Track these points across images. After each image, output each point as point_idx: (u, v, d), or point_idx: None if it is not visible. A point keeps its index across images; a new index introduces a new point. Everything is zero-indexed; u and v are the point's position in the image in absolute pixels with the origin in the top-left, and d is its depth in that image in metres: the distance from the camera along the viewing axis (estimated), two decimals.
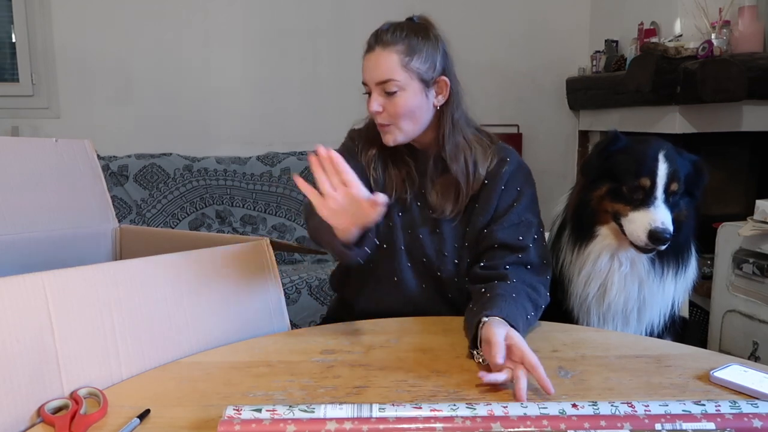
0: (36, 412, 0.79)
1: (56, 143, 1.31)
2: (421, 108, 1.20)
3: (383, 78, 1.17)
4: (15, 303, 0.80)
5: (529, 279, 1.16)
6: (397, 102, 1.18)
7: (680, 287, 1.25)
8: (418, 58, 1.19)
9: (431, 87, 1.21)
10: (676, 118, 2.61)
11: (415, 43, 1.19)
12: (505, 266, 1.17)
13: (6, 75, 3.30)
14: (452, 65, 1.27)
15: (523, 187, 1.25)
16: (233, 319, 1.06)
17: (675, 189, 1.19)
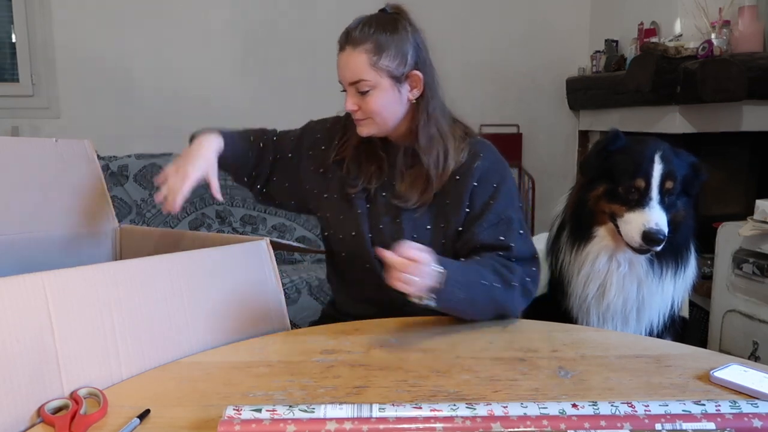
0: (36, 412, 0.79)
1: (56, 143, 1.31)
2: (394, 104, 1.21)
3: (354, 78, 1.18)
4: (15, 303, 0.80)
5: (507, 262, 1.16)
6: (370, 100, 1.18)
7: (680, 287, 1.25)
8: (386, 55, 1.18)
9: (403, 82, 1.21)
10: (676, 118, 2.61)
11: (384, 39, 1.18)
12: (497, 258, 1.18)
13: (6, 75, 3.30)
14: (427, 56, 1.25)
15: (500, 183, 1.23)
16: (233, 319, 1.06)
17: (670, 189, 1.19)
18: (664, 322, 1.27)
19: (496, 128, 3.57)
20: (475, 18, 3.49)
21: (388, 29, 1.19)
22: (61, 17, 3.22)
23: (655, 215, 1.16)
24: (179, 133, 3.55)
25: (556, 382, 0.89)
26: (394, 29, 1.20)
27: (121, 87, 3.31)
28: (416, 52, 1.22)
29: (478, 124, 3.56)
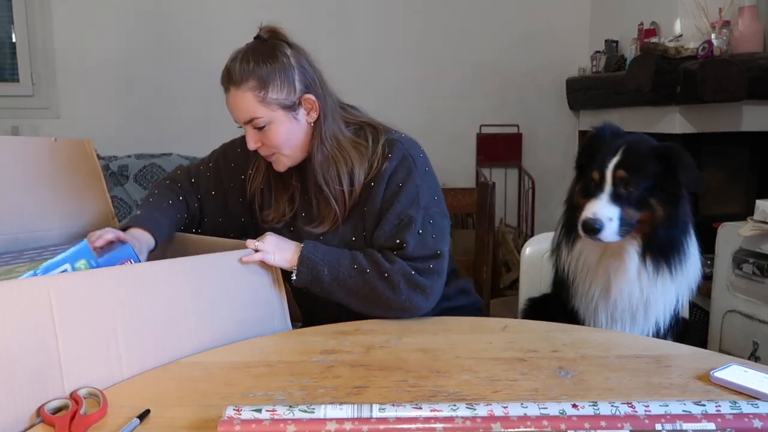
0: (36, 413, 0.79)
1: (56, 142, 1.31)
2: (295, 132, 1.19)
3: (246, 118, 1.16)
4: (19, 306, 0.80)
5: (390, 255, 1.16)
6: (270, 135, 1.17)
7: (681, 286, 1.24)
8: (272, 88, 1.14)
9: (297, 108, 1.18)
10: (676, 118, 2.61)
11: (265, 72, 1.14)
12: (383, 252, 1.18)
13: (6, 75, 3.30)
14: (315, 74, 1.21)
15: (405, 181, 1.19)
16: (236, 321, 1.06)
17: (624, 179, 1.16)
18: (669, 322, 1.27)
19: (496, 128, 3.57)
20: (476, 18, 3.49)
21: (267, 60, 1.14)
22: (61, 17, 3.23)
23: (596, 205, 1.17)
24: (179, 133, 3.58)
25: (556, 382, 0.89)
26: (274, 58, 1.15)
27: (121, 87, 3.31)
28: (302, 76, 1.18)
29: (478, 124, 3.56)
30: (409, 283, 1.14)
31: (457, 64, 3.49)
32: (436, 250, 1.18)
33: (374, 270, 1.14)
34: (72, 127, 3.28)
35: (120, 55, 3.28)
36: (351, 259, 1.16)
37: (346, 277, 1.14)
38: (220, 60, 1.18)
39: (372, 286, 1.14)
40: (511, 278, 3.12)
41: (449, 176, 3.48)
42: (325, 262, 1.14)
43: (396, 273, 1.14)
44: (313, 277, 1.14)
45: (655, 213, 1.18)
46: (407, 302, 1.14)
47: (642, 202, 1.18)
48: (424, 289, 1.15)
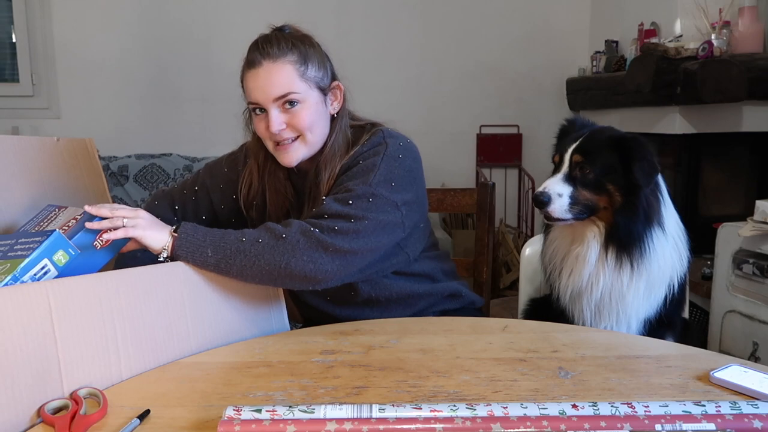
0: (36, 413, 0.79)
1: (57, 142, 1.31)
2: (322, 118, 1.16)
3: (282, 92, 1.11)
4: (19, 311, 0.80)
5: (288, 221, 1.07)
6: (301, 115, 1.12)
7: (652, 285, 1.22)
8: (311, 65, 1.13)
9: (327, 94, 1.17)
10: (676, 118, 2.61)
11: (305, 50, 1.13)
12: None
13: (6, 75, 3.30)
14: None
15: (365, 158, 1.14)
16: (234, 322, 1.06)
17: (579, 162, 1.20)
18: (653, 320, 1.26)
19: (496, 128, 3.57)
20: (476, 19, 3.49)
21: (305, 41, 1.15)
22: (61, 17, 3.23)
23: (549, 182, 1.21)
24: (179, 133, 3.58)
25: (556, 382, 0.89)
26: (310, 42, 1.16)
27: (122, 87, 3.31)
28: (331, 64, 1.20)
29: (478, 125, 3.56)
30: (309, 240, 1.03)
31: (457, 65, 3.49)
32: (354, 217, 1.07)
33: (268, 236, 1.03)
34: (72, 127, 3.28)
35: (120, 55, 3.29)
36: (237, 233, 1.04)
37: (234, 252, 1.02)
38: (221, 60, 1.19)
39: (269, 256, 1.02)
40: (511, 278, 3.12)
41: (449, 176, 3.48)
42: (208, 242, 1.02)
43: (294, 232, 1.03)
44: (195, 260, 1.02)
45: (613, 198, 1.20)
46: (310, 264, 1.02)
47: (599, 186, 1.20)
48: (327, 247, 1.03)
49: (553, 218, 1.22)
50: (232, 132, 1.48)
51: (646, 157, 1.18)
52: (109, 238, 1.00)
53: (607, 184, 1.20)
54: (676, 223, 1.27)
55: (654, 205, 1.21)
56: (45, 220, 1.08)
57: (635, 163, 1.17)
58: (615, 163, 1.19)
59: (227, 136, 1.42)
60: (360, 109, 1.29)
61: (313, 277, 1.04)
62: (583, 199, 1.20)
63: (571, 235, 1.26)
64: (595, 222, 1.22)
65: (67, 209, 1.08)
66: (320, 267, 1.03)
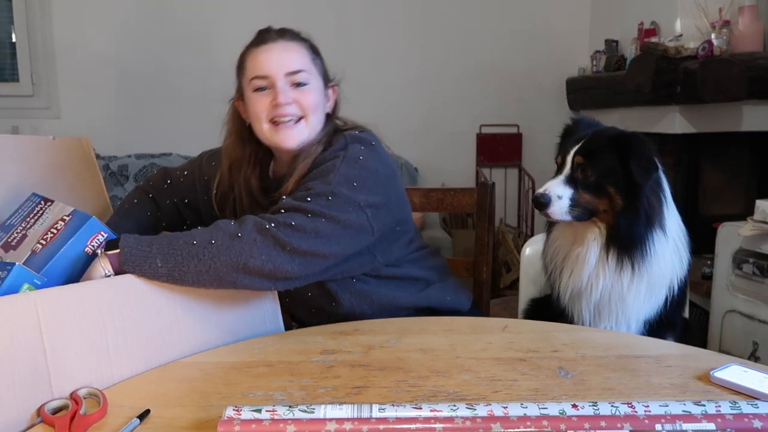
0: (36, 413, 0.79)
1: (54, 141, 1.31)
2: (321, 109, 1.17)
3: (295, 68, 1.13)
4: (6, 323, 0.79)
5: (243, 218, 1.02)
6: (309, 95, 1.13)
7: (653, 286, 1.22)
8: (319, 59, 1.18)
9: (327, 90, 1.20)
10: (676, 118, 2.61)
11: (313, 45, 1.19)
12: None
13: (6, 75, 3.30)
14: None
15: (325, 161, 1.11)
16: (227, 324, 1.05)
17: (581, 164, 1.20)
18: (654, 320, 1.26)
19: (496, 128, 3.57)
20: (476, 18, 3.49)
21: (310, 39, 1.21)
22: (61, 17, 3.23)
23: (549, 183, 1.21)
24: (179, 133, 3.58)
25: (556, 382, 0.89)
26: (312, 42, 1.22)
27: (121, 87, 3.31)
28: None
29: (478, 124, 3.56)
30: (265, 238, 0.97)
31: (457, 65, 3.49)
32: (311, 212, 1.02)
33: (221, 236, 0.97)
34: (72, 127, 3.28)
35: (120, 55, 3.29)
36: (186, 236, 0.97)
37: (186, 258, 0.95)
38: (220, 60, 1.19)
39: (225, 257, 0.95)
40: (511, 278, 3.12)
41: (449, 176, 3.48)
42: (155, 251, 0.95)
43: (249, 230, 0.97)
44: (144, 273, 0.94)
45: (614, 201, 1.19)
46: (269, 263, 0.97)
47: (600, 189, 1.19)
48: (284, 246, 0.98)
49: (553, 220, 1.22)
50: None
51: (644, 153, 1.17)
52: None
53: (608, 186, 1.19)
54: (677, 224, 1.26)
55: (656, 206, 1.20)
56: (31, 216, 1.04)
57: (632, 160, 1.16)
58: (615, 163, 1.18)
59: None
60: (360, 109, 1.29)
61: (273, 276, 0.99)
62: (583, 201, 1.20)
63: (573, 235, 1.26)
64: (596, 223, 1.22)
65: (53, 204, 1.05)
66: (279, 267, 0.99)
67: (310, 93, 1.14)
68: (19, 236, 1.02)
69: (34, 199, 1.08)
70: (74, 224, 0.99)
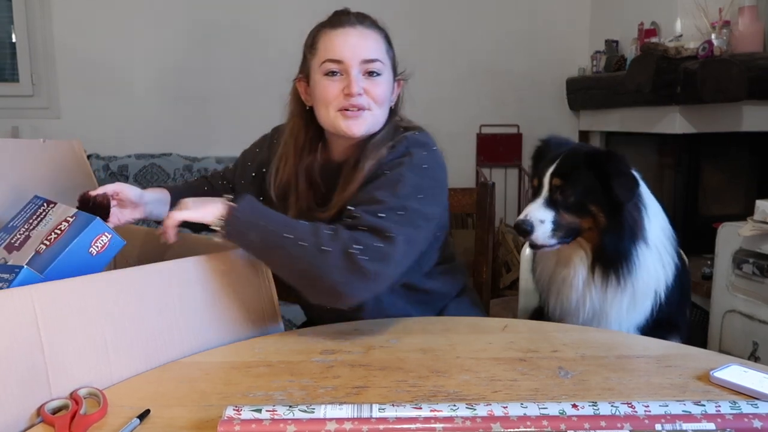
0: (36, 413, 0.79)
1: (44, 143, 1.31)
2: (387, 102, 1.15)
3: (372, 56, 1.09)
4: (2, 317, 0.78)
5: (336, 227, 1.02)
6: (380, 86, 1.11)
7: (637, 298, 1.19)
8: (391, 50, 1.16)
9: (393, 83, 1.17)
10: (676, 118, 2.61)
11: (388, 36, 1.16)
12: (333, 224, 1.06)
13: (6, 75, 3.30)
14: None
15: (392, 169, 1.09)
16: (226, 324, 1.05)
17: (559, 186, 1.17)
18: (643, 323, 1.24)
19: (496, 128, 3.57)
20: (475, 18, 3.49)
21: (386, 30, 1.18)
22: (61, 17, 3.22)
23: (529, 208, 1.19)
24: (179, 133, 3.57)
25: (556, 382, 0.89)
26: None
27: (122, 87, 3.31)
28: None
29: (478, 125, 3.56)
30: (348, 264, 0.98)
31: (457, 64, 3.49)
32: (391, 235, 1.01)
33: (312, 242, 0.98)
34: (72, 127, 3.27)
35: (120, 55, 3.28)
36: (287, 227, 1.00)
37: (278, 246, 0.98)
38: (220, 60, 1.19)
39: (306, 263, 0.98)
40: (511, 278, 3.12)
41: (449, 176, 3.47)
42: (259, 227, 0.98)
43: (336, 249, 0.98)
44: (240, 239, 1.00)
45: (597, 219, 1.16)
46: (342, 285, 0.98)
47: (581, 209, 1.17)
48: (365, 275, 0.98)
49: (538, 245, 1.18)
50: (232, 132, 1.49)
51: (623, 171, 1.15)
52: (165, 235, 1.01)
53: (589, 205, 1.17)
54: (660, 229, 1.23)
55: (638, 218, 1.18)
56: (34, 218, 1.05)
57: (613, 179, 1.13)
58: (593, 181, 1.16)
59: (227, 136, 1.42)
60: None
61: (340, 296, 1.01)
62: (566, 223, 1.17)
63: (556, 255, 1.24)
64: (581, 244, 1.20)
65: (56, 206, 1.05)
66: (351, 290, 1.00)
67: (381, 84, 1.11)
68: (22, 237, 1.02)
69: (36, 201, 1.09)
70: (78, 225, 0.99)
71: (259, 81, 3.29)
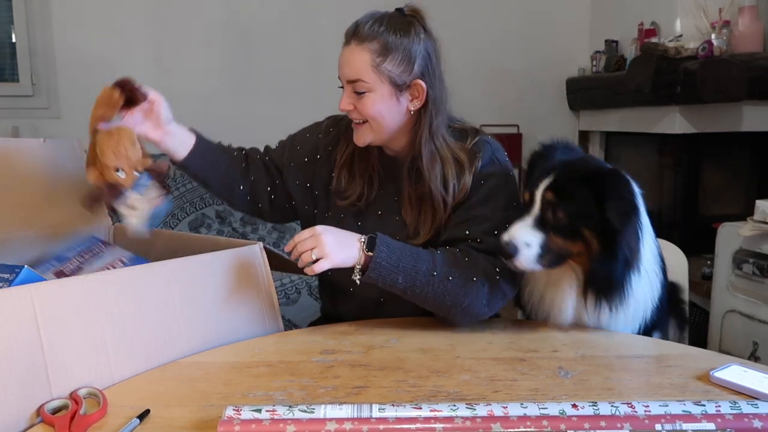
0: (36, 413, 0.79)
1: (44, 143, 1.31)
2: (390, 112, 1.13)
3: (352, 77, 1.11)
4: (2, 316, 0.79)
5: (470, 253, 1.09)
6: (365, 103, 1.12)
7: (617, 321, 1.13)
8: (391, 59, 1.10)
9: (404, 91, 1.13)
10: (676, 118, 2.61)
11: (392, 41, 1.10)
12: (458, 248, 1.11)
13: (6, 75, 3.29)
14: (437, 67, 1.19)
15: (487, 180, 1.15)
16: (226, 324, 1.05)
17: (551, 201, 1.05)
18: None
19: (496, 128, 3.56)
20: (475, 18, 3.49)
21: (399, 31, 1.11)
22: (61, 18, 3.22)
23: (516, 228, 1.06)
24: None
25: (556, 382, 0.89)
26: (406, 32, 1.12)
27: None
28: (425, 61, 1.14)
29: (478, 124, 3.55)
30: (492, 288, 1.07)
31: (456, 64, 3.47)
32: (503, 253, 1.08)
33: (458, 274, 1.06)
34: (72, 127, 3.26)
35: (120, 55, 3.28)
36: (429, 262, 1.06)
37: (423, 284, 1.05)
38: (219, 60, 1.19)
39: (454, 295, 1.05)
40: None
41: None
42: (400, 269, 1.04)
43: (482, 279, 1.06)
44: (384, 283, 1.05)
45: (590, 246, 1.05)
46: (486, 307, 1.08)
47: (573, 232, 1.05)
48: (505, 296, 1.10)
49: (520, 270, 1.07)
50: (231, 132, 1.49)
51: (622, 195, 1.03)
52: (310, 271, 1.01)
53: (582, 229, 1.04)
54: (651, 254, 1.14)
55: (634, 247, 1.06)
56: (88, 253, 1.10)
57: (608, 201, 1.01)
58: (590, 203, 1.03)
59: (227, 136, 1.41)
60: None
61: (483, 317, 1.10)
62: (555, 247, 1.05)
63: (546, 276, 1.14)
64: (572, 267, 1.09)
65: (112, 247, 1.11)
66: (493, 310, 1.10)
67: (368, 101, 1.12)
68: (74, 267, 1.07)
69: (92, 240, 1.14)
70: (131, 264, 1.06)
71: (258, 79, 3.29)
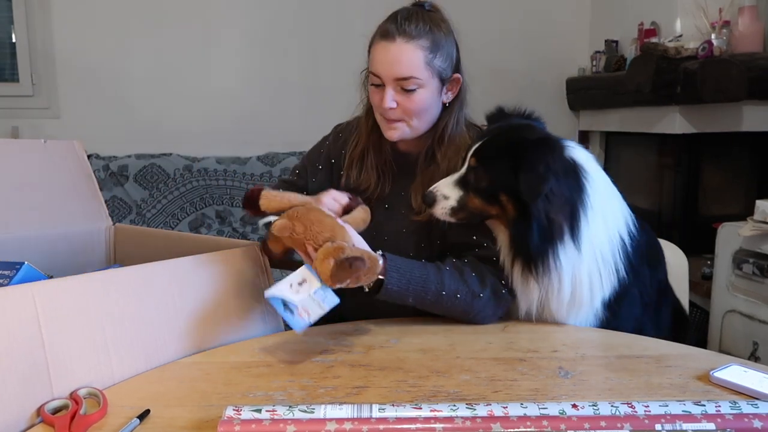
0: (36, 413, 0.79)
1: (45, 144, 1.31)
2: (433, 106, 1.17)
3: (405, 75, 1.11)
4: (3, 315, 0.79)
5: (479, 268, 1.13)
6: (415, 99, 1.13)
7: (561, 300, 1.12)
8: (440, 55, 1.13)
9: (445, 84, 1.17)
10: (676, 118, 2.61)
11: (439, 38, 1.13)
12: (465, 259, 1.15)
13: (6, 75, 3.30)
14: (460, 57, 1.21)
15: None
16: (226, 324, 1.05)
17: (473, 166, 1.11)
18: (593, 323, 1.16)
19: None
20: (475, 18, 3.49)
21: (442, 28, 1.14)
22: (61, 18, 3.22)
23: (441, 182, 1.14)
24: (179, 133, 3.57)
25: (556, 382, 0.89)
26: (448, 29, 1.16)
27: (122, 87, 3.30)
28: (459, 55, 1.19)
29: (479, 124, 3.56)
30: (498, 300, 1.13)
31: None
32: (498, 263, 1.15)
33: (466, 291, 1.10)
34: (72, 127, 3.27)
35: (120, 55, 3.28)
36: (437, 283, 1.09)
37: (432, 303, 1.10)
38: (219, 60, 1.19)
39: (461, 309, 1.11)
40: None
41: None
42: (410, 291, 1.08)
43: (488, 293, 1.12)
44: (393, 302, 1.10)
45: (505, 209, 1.09)
46: (492, 317, 1.14)
47: (491, 195, 1.10)
48: (509, 303, 1.15)
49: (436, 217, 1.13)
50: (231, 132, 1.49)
51: (534, 168, 1.04)
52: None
53: (500, 193, 1.09)
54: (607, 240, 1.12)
55: (558, 222, 1.07)
56: None
57: (521, 173, 1.04)
58: (508, 171, 1.06)
59: (227, 136, 1.41)
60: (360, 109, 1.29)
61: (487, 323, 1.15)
62: (471, 206, 1.11)
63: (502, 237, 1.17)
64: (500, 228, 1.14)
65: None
66: (497, 316, 1.15)
67: (418, 98, 1.13)
68: None
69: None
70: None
71: (259, 81, 3.30)
